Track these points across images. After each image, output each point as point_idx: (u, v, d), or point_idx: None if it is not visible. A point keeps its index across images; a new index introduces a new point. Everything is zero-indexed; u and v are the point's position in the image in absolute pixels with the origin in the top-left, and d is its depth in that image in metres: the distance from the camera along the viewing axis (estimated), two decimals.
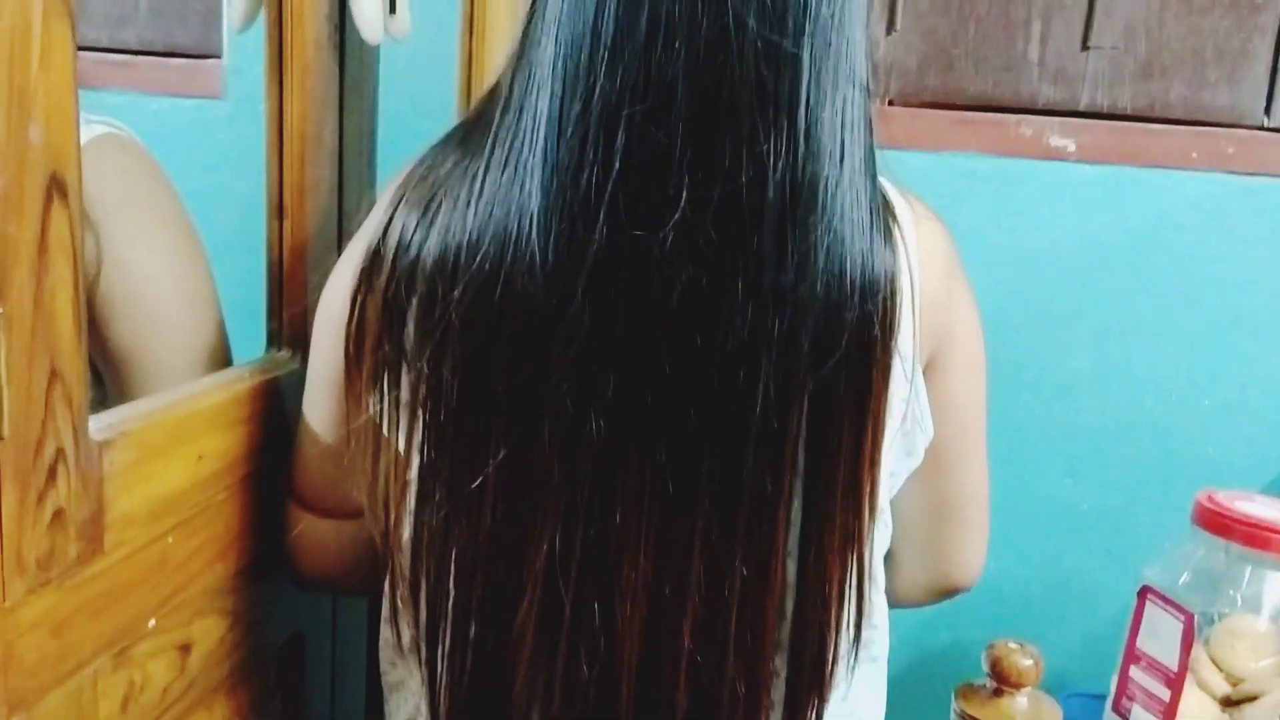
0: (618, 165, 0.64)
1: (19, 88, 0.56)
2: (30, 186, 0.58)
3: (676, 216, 0.63)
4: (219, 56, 1.43)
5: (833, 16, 0.66)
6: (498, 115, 0.69)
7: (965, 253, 1.31)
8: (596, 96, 0.64)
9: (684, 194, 0.63)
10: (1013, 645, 1.09)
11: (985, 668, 1.10)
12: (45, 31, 0.57)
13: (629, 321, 0.65)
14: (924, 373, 0.79)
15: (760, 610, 0.71)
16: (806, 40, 0.65)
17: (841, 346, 0.67)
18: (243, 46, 0.88)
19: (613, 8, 0.64)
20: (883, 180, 0.73)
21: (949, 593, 0.94)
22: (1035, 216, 1.32)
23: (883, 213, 0.70)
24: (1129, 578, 1.09)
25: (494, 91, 0.72)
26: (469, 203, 0.68)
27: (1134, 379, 1.33)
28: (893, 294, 0.69)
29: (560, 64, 0.65)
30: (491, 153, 0.68)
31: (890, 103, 1.42)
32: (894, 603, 0.89)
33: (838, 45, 0.66)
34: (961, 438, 0.85)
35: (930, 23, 1.40)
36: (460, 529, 0.70)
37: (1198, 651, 1.07)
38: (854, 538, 0.73)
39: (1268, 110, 1.34)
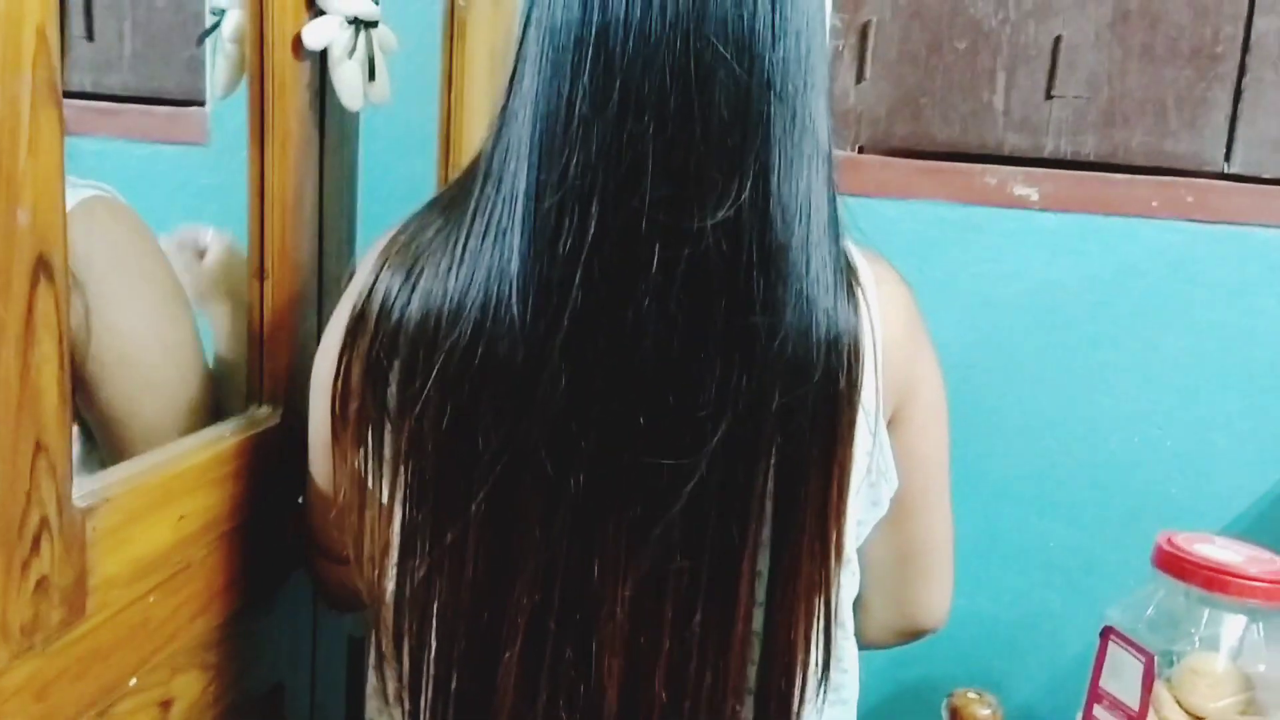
0: (592, 232, 0.66)
1: (8, 174, 0.59)
2: (18, 269, 0.60)
3: (648, 280, 0.66)
4: (203, 104, 1.46)
5: (795, 91, 0.69)
6: (478, 186, 0.72)
7: (934, 299, 1.35)
8: (572, 167, 0.67)
9: (654, 259, 0.66)
10: (971, 695, 1.12)
11: (945, 717, 1.13)
12: (34, 120, 0.60)
13: (604, 382, 0.68)
14: (888, 426, 0.81)
15: (724, 657, 0.73)
16: (771, 113, 0.68)
17: (808, 404, 0.70)
18: (234, 102, 0.91)
19: (585, 82, 0.67)
20: (846, 242, 0.75)
21: (916, 635, 0.96)
22: (1002, 263, 1.35)
23: (846, 274, 0.73)
24: (1095, 616, 1.12)
25: (474, 163, 0.74)
26: (450, 269, 0.71)
27: (1098, 421, 1.36)
28: (856, 352, 0.72)
29: (537, 136, 0.68)
30: (472, 222, 0.71)
31: (861, 150, 1.46)
32: (863, 645, 0.91)
33: (801, 116, 0.69)
34: (926, 487, 0.87)
35: (899, 72, 1.43)
36: (442, 583, 0.73)
37: (1161, 690, 1.10)
38: (821, 585, 0.75)
39: (1228, 157, 1.37)
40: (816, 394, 0.70)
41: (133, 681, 0.76)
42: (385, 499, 0.75)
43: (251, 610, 0.91)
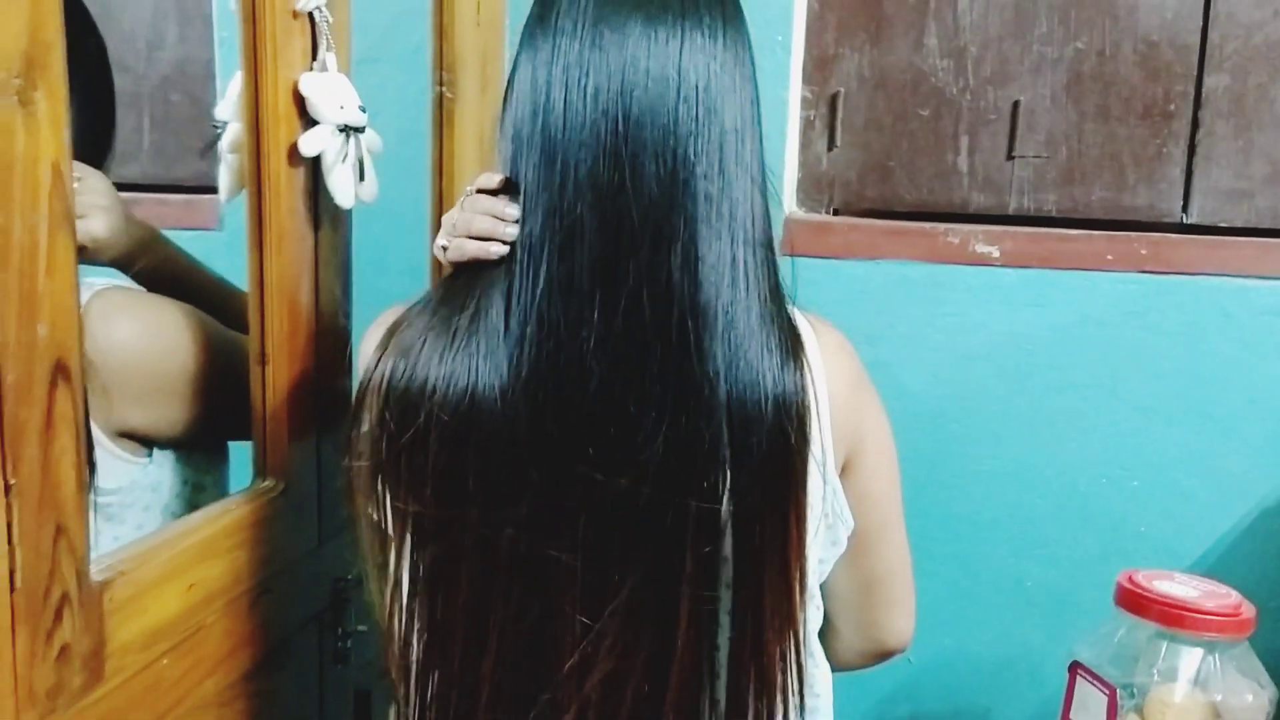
0: (541, 287, 0.77)
1: (29, 293, 0.67)
2: (38, 375, 0.68)
3: (590, 329, 0.76)
4: (215, 191, 1.55)
5: (720, 173, 0.78)
6: (467, 276, 0.82)
7: (904, 354, 1.43)
8: (524, 237, 0.78)
9: (595, 311, 0.76)
10: None
11: None
12: (51, 245, 0.68)
13: (555, 417, 0.77)
14: (841, 473, 0.88)
15: (664, 676, 0.80)
16: (695, 191, 0.77)
17: (755, 455, 0.78)
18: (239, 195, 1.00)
19: (533, 163, 0.79)
20: (790, 308, 0.83)
21: (884, 657, 1.02)
22: (966, 318, 1.42)
23: (790, 338, 0.81)
24: (1070, 652, 1.17)
25: None
26: (432, 333, 0.81)
27: (1067, 465, 1.41)
28: (803, 409, 0.80)
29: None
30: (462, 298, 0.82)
31: (836, 212, 1.53)
32: (836, 668, 0.97)
33: (727, 194, 0.78)
34: (882, 525, 0.93)
35: (867, 139, 1.51)
36: (437, 599, 0.81)
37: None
38: (789, 620, 0.82)
39: (1185, 209, 1.44)
40: (766, 446, 0.78)
41: None
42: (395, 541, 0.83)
43: (260, 669, 0.98)
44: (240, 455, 1.04)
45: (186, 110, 1.64)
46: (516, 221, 0.80)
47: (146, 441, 1.02)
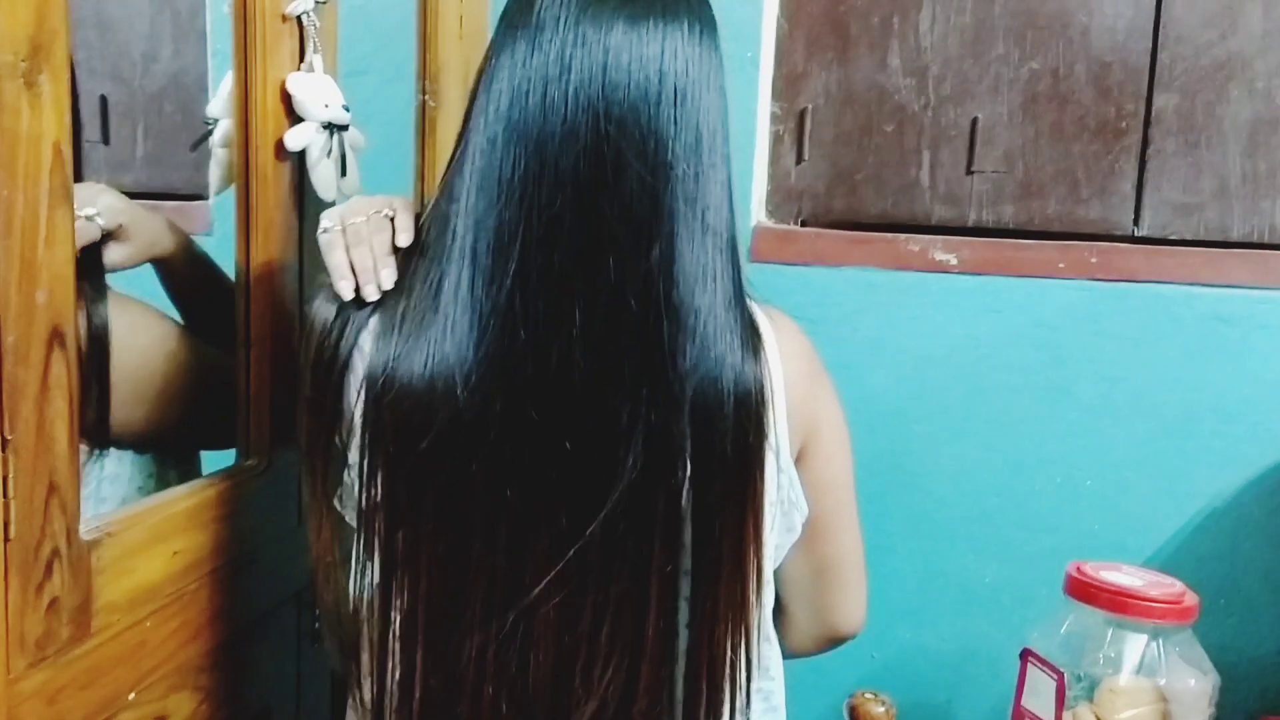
0: (515, 276, 0.79)
1: (29, 262, 0.72)
2: (36, 339, 0.73)
3: (572, 323, 0.79)
4: (206, 198, 1.61)
5: (696, 174, 0.81)
6: (428, 260, 0.84)
7: (867, 357, 1.48)
8: (502, 225, 0.80)
9: (575, 306, 0.79)
10: (868, 695, 1.22)
11: (845, 716, 1.23)
12: (50, 218, 0.73)
13: (536, 409, 0.80)
14: (796, 461, 0.92)
15: (636, 661, 0.83)
16: (674, 192, 0.80)
17: (718, 445, 0.81)
18: (227, 190, 1.05)
19: (512, 155, 0.80)
20: (750, 303, 0.87)
21: (837, 641, 1.04)
22: (927, 322, 1.47)
23: (750, 333, 0.84)
24: (1025, 643, 1.22)
25: (422, 231, 0.87)
26: (406, 319, 0.83)
27: (1023, 464, 1.47)
28: (761, 399, 0.83)
29: (473, 202, 0.81)
30: (424, 281, 0.83)
31: (804, 223, 1.59)
32: (789, 654, 1.00)
33: (701, 196, 0.82)
34: (835, 510, 0.96)
35: (834, 152, 1.58)
36: (402, 586, 0.83)
37: (1083, 710, 1.20)
38: (742, 604, 0.86)
39: (1136, 221, 1.50)
40: (729, 435, 0.81)
41: (131, 696, 0.87)
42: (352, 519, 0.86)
43: (241, 639, 1.02)
44: None
45: (180, 120, 1.70)
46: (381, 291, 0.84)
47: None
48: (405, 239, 0.87)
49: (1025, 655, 1.24)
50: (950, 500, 1.49)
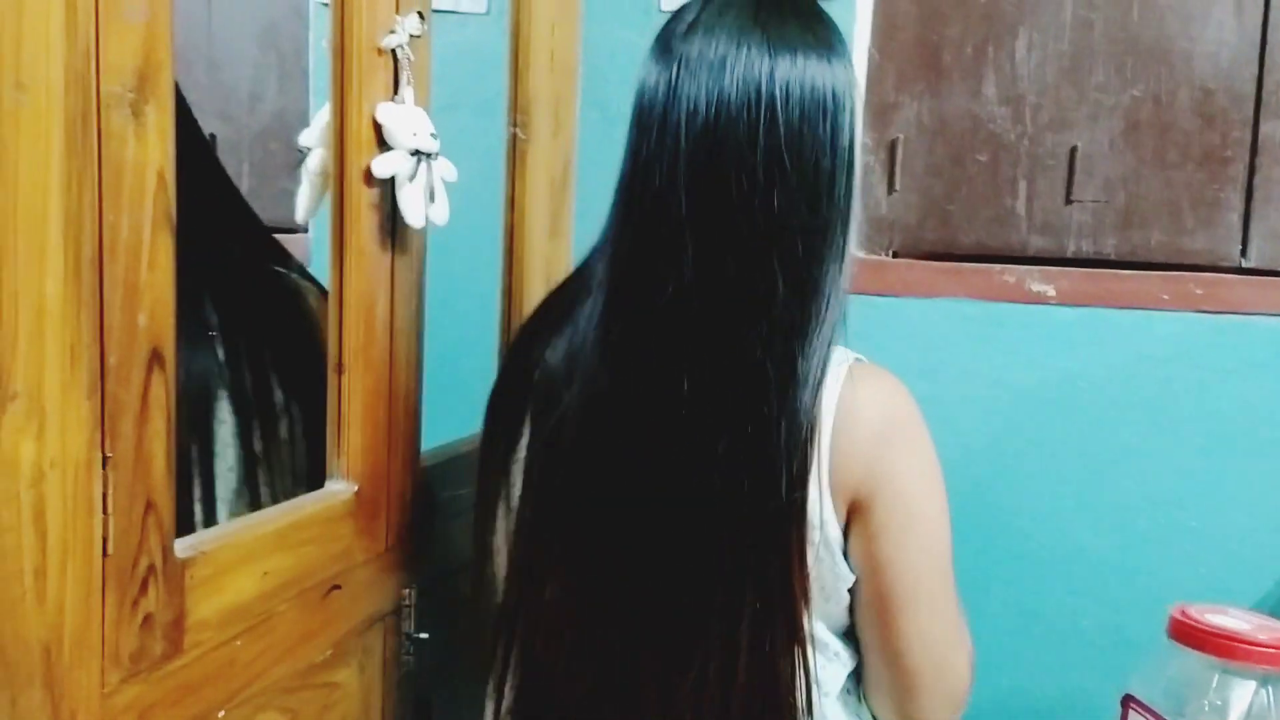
0: (629, 316, 0.87)
1: (131, 284, 0.74)
2: (136, 360, 0.75)
3: (682, 360, 0.83)
4: (307, 230, 1.66)
5: (835, 201, 0.82)
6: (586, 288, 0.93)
7: (958, 390, 1.45)
8: (627, 240, 0.89)
9: (693, 345, 0.82)
10: None
11: None
12: (153, 242, 0.76)
13: (645, 435, 0.85)
14: (848, 523, 0.87)
15: (673, 692, 0.85)
16: (809, 221, 0.81)
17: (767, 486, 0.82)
18: (324, 222, 1.08)
19: (647, 170, 0.85)
20: (842, 350, 0.87)
21: None
22: (1022, 355, 1.44)
23: (818, 380, 0.83)
24: (1124, 690, 1.17)
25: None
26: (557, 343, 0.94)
27: (1124, 503, 1.42)
28: (805, 451, 0.82)
29: (625, 245, 0.89)
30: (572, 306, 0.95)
31: (895, 254, 1.57)
32: None
33: (835, 226, 0.83)
34: (896, 593, 0.88)
35: (926, 183, 1.55)
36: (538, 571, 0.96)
37: None
38: (796, 629, 0.85)
39: (1244, 252, 1.45)
40: (783, 485, 0.81)
41: (221, 715, 0.88)
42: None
43: (328, 663, 1.03)
44: None
45: (283, 157, 1.76)
46: None
47: None
48: None
49: (1126, 702, 1.18)
50: (1048, 539, 1.44)
